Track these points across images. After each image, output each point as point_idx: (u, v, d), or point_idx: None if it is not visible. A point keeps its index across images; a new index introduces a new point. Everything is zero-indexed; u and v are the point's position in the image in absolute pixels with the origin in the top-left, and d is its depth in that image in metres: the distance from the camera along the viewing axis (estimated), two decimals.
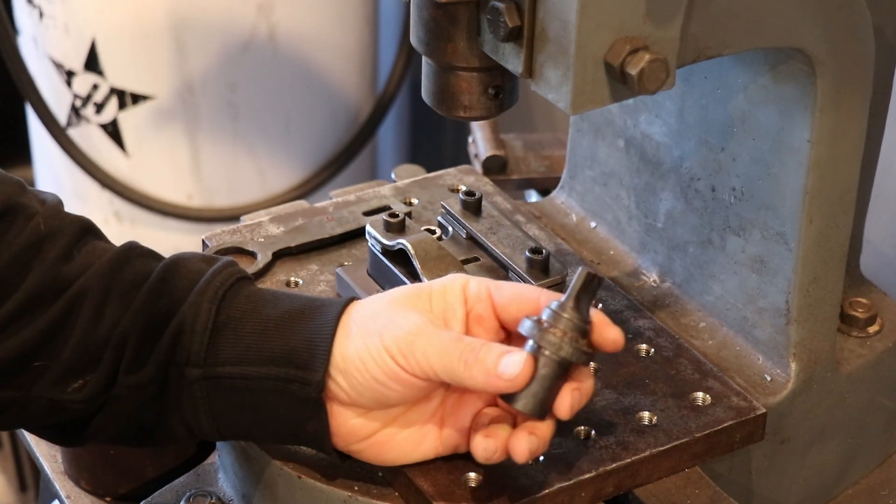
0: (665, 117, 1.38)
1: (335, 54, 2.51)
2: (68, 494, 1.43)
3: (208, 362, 1.13)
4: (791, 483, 1.39)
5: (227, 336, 1.14)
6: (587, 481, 1.17)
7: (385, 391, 1.11)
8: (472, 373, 1.09)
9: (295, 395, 1.12)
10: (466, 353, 1.10)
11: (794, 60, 1.22)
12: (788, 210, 1.28)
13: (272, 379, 1.12)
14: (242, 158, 2.48)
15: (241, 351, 1.13)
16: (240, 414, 1.15)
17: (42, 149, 2.62)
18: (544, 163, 1.84)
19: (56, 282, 1.14)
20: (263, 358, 1.13)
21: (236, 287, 1.16)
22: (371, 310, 1.14)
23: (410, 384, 1.11)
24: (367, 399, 1.12)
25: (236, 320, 1.14)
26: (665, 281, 1.43)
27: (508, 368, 1.09)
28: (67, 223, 1.18)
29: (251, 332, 1.14)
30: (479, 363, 1.09)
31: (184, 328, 1.13)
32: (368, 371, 1.11)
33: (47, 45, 2.42)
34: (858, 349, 1.40)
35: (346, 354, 1.12)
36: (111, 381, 1.14)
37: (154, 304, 1.14)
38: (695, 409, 1.25)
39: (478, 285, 1.16)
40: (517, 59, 1.10)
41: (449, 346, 1.10)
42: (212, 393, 1.14)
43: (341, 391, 1.12)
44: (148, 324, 1.14)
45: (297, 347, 1.13)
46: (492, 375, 1.09)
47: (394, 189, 1.54)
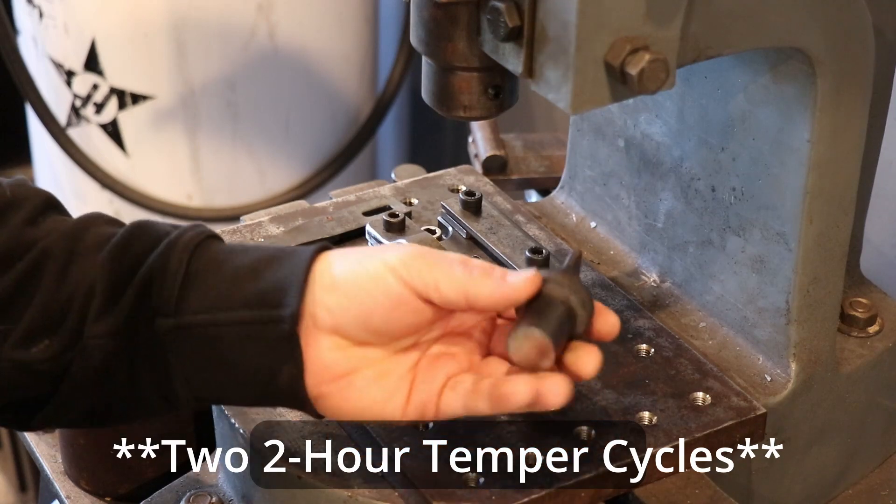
0: (665, 117, 1.38)
1: (335, 54, 2.51)
2: (68, 494, 1.43)
3: (179, 311, 1.11)
4: (791, 483, 1.39)
5: (198, 285, 1.11)
6: (587, 481, 1.17)
7: (373, 307, 1.09)
8: (479, 284, 1.09)
9: (269, 336, 1.10)
10: (474, 268, 1.10)
11: (794, 60, 1.22)
12: (788, 210, 1.28)
13: (245, 323, 1.10)
14: (242, 158, 2.48)
15: (212, 298, 1.11)
16: (212, 369, 1.12)
17: (42, 149, 2.62)
18: (544, 163, 1.84)
19: (20, 243, 1.12)
20: (235, 303, 1.11)
21: (207, 242, 1.14)
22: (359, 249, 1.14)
23: (405, 302, 1.10)
24: (351, 318, 1.10)
25: (207, 270, 1.12)
26: (665, 281, 1.43)
27: (518, 278, 1.10)
28: (33, 193, 1.16)
29: (223, 280, 1.12)
30: (486, 275, 1.09)
31: (153, 279, 1.11)
32: (361, 287, 1.10)
33: (47, 45, 2.43)
34: (858, 349, 1.40)
35: (337, 272, 1.10)
36: (77, 337, 1.10)
37: (121, 258, 1.12)
38: (695, 409, 1.25)
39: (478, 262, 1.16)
40: (517, 59, 1.10)
41: (454, 262, 1.10)
42: (183, 346, 1.11)
43: (326, 312, 1.10)
44: (114, 275, 1.11)
45: (269, 289, 1.10)
46: (499, 284, 1.09)
47: (394, 189, 1.54)
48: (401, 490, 1.18)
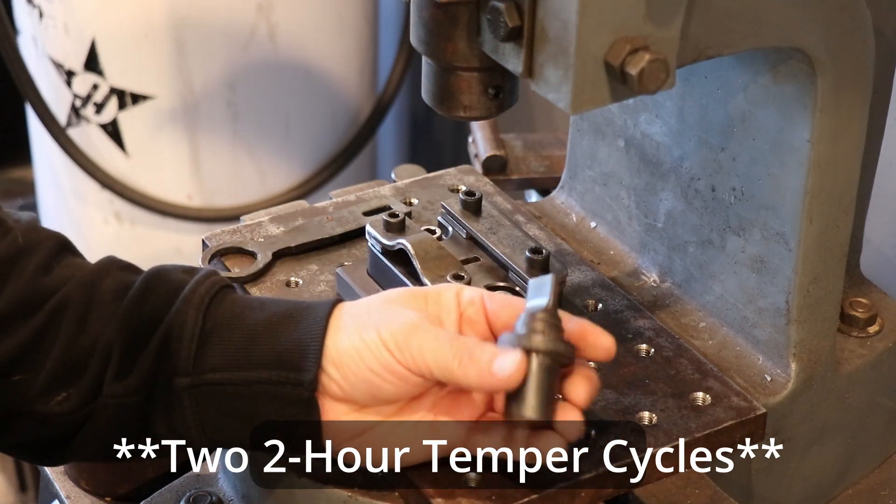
0: (665, 117, 1.38)
1: (335, 54, 2.51)
2: (68, 494, 1.43)
3: (196, 370, 1.13)
4: (791, 483, 1.39)
5: (214, 343, 1.13)
6: (587, 481, 1.17)
7: (380, 383, 1.11)
8: (467, 371, 1.09)
9: (287, 398, 1.12)
10: (461, 351, 1.10)
11: (794, 60, 1.22)
12: (788, 210, 1.28)
13: (263, 383, 1.12)
14: (242, 158, 2.48)
15: (229, 357, 1.13)
16: (229, 422, 1.14)
17: (42, 149, 2.62)
18: (544, 163, 1.84)
19: (36, 293, 1.13)
20: (253, 363, 1.12)
21: (221, 295, 1.16)
22: (365, 306, 1.15)
23: (405, 378, 1.11)
24: (360, 392, 1.12)
25: (223, 327, 1.14)
26: (665, 281, 1.43)
27: (503, 366, 1.09)
28: (45, 237, 1.17)
29: (239, 338, 1.13)
30: (473, 362, 1.09)
31: (171, 336, 1.13)
32: (364, 362, 1.11)
33: (47, 45, 2.43)
34: (858, 349, 1.40)
35: (341, 346, 1.11)
36: (96, 392, 1.12)
37: (138, 312, 1.13)
38: (695, 409, 1.25)
39: (471, 291, 1.17)
40: (517, 59, 1.10)
41: (444, 343, 1.10)
42: (201, 401, 1.13)
43: (334, 384, 1.12)
44: (133, 332, 1.13)
45: (287, 350, 1.12)
46: (486, 374, 1.09)
47: (394, 189, 1.54)
48: (401, 490, 1.18)
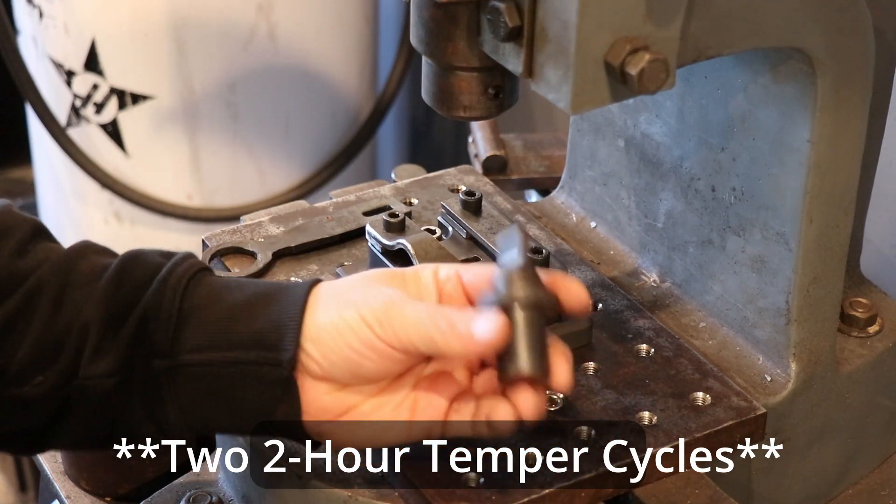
0: (665, 117, 1.38)
1: (335, 54, 2.51)
2: (68, 494, 1.43)
3: (174, 352, 1.11)
4: (791, 483, 1.39)
5: (192, 324, 1.12)
6: (587, 481, 1.17)
7: (360, 360, 1.10)
8: (449, 340, 1.08)
9: (265, 378, 1.11)
10: (442, 321, 1.09)
11: (794, 60, 1.22)
12: (788, 210, 1.28)
13: (241, 363, 1.11)
14: (242, 158, 2.48)
15: (207, 338, 1.11)
16: (208, 404, 1.13)
17: (42, 149, 2.62)
18: (544, 163, 1.84)
19: (11, 276, 1.12)
20: (231, 343, 1.11)
21: (199, 276, 1.14)
22: (345, 285, 1.14)
23: (387, 355, 1.10)
24: (340, 370, 1.11)
25: (201, 308, 1.12)
26: (665, 281, 1.43)
27: (484, 328, 1.08)
28: (20, 221, 1.16)
29: (217, 319, 1.12)
30: (454, 330, 1.09)
31: (148, 317, 1.11)
32: (344, 340, 1.10)
33: (47, 45, 2.43)
34: (858, 349, 1.40)
35: (320, 324, 1.10)
36: (73, 373, 1.11)
37: (114, 294, 1.12)
38: (695, 409, 1.25)
39: (447, 268, 1.16)
40: (517, 59, 1.10)
41: (424, 316, 1.09)
42: (179, 383, 1.12)
43: (314, 363, 1.11)
44: (109, 313, 1.11)
45: (264, 330, 1.11)
46: (468, 340, 1.08)
47: (394, 189, 1.54)
48: (401, 490, 1.18)
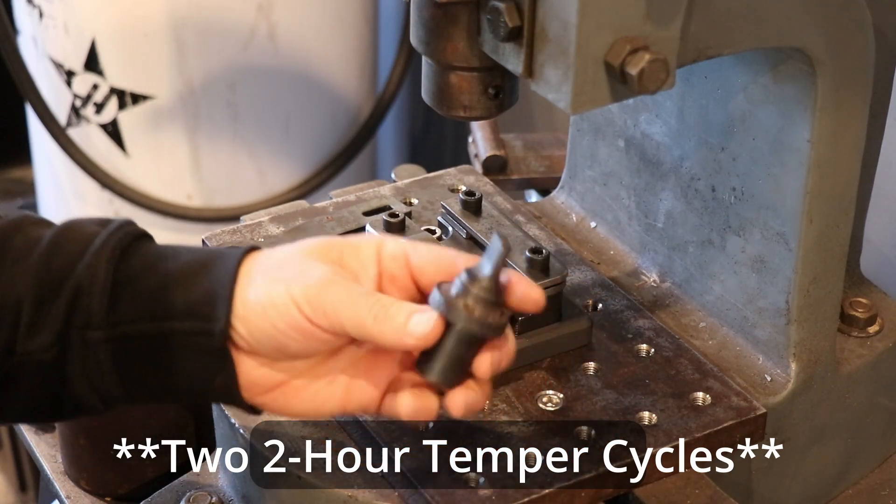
0: (665, 117, 1.38)
1: (335, 54, 2.51)
2: (68, 494, 1.43)
3: (109, 322, 1.09)
4: (791, 483, 1.39)
5: (127, 295, 1.10)
6: (587, 481, 1.17)
7: (285, 340, 1.08)
8: (382, 328, 1.07)
9: (200, 348, 1.09)
10: (377, 309, 1.07)
11: (794, 60, 1.22)
12: (788, 210, 1.28)
13: (176, 334, 1.09)
14: (242, 158, 2.48)
15: (141, 308, 1.10)
16: (147, 375, 1.11)
17: (42, 149, 2.62)
18: (544, 163, 1.84)
19: None
20: (166, 313, 1.09)
21: (135, 245, 1.12)
22: (278, 258, 1.12)
23: (313, 336, 1.08)
24: (266, 348, 1.09)
25: (135, 278, 1.10)
26: (665, 281, 1.43)
27: (419, 327, 1.07)
28: None
29: (151, 289, 1.10)
30: (389, 319, 1.07)
31: (81, 289, 1.09)
32: (269, 319, 1.08)
33: (47, 45, 2.43)
34: (858, 349, 1.40)
35: (247, 300, 1.09)
36: (10, 350, 1.09)
37: (47, 267, 1.10)
38: (695, 409, 1.25)
39: (395, 245, 1.13)
40: (517, 59, 1.10)
41: (359, 301, 1.08)
42: (117, 355, 1.10)
43: (241, 339, 1.09)
44: (42, 287, 1.09)
45: (198, 300, 1.09)
46: (401, 332, 1.07)
47: (394, 189, 1.54)
48: (401, 490, 1.18)
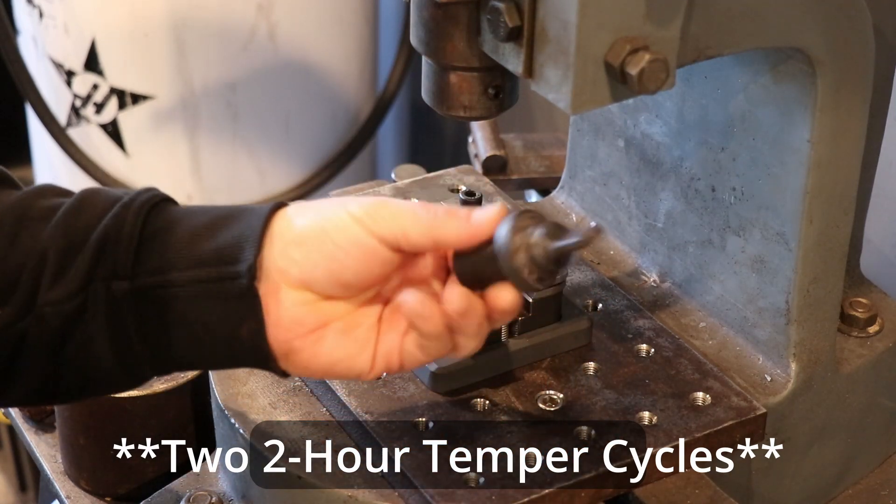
0: (665, 117, 1.38)
1: (335, 54, 2.51)
2: (68, 494, 1.43)
3: (134, 273, 1.08)
4: (791, 483, 1.39)
5: (153, 246, 1.09)
6: (587, 481, 1.17)
7: (343, 260, 1.08)
8: (446, 223, 1.09)
9: (226, 293, 1.08)
10: (436, 209, 1.09)
11: (794, 60, 1.22)
12: (788, 210, 1.28)
13: (201, 282, 1.08)
14: (242, 158, 2.48)
15: (167, 259, 1.09)
16: (171, 330, 1.10)
17: (42, 149, 2.62)
18: (544, 163, 1.84)
19: None
20: (191, 262, 1.08)
21: (162, 204, 1.12)
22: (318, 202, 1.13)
23: (373, 253, 1.08)
24: (321, 272, 1.08)
25: (162, 230, 1.10)
26: (665, 281, 1.43)
27: (482, 214, 1.09)
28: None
29: (178, 240, 1.09)
30: (451, 216, 1.09)
31: (108, 240, 1.08)
32: (328, 236, 1.08)
33: (47, 45, 2.43)
34: (858, 349, 1.40)
35: (301, 226, 1.09)
36: (31, 302, 1.08)
37: (74, 221, 1.09)
38: (695, 409, 1.25)
39: None
40: (517, 59, 1.10)
41: (417, 208, 1.09)
42: (142, 309, 1.09)
43: (296, 266, 1.08)
44: (67, 239, 1.09)
45: (225, 246, 1.09)
46: (465, 222, 1.09)
47: (394, 189, 1.54)
48: (401, 490, 1.18)
